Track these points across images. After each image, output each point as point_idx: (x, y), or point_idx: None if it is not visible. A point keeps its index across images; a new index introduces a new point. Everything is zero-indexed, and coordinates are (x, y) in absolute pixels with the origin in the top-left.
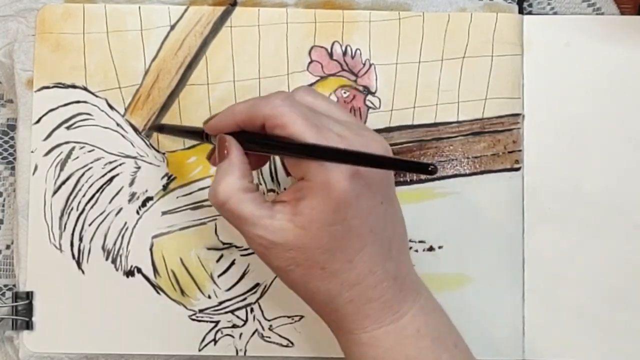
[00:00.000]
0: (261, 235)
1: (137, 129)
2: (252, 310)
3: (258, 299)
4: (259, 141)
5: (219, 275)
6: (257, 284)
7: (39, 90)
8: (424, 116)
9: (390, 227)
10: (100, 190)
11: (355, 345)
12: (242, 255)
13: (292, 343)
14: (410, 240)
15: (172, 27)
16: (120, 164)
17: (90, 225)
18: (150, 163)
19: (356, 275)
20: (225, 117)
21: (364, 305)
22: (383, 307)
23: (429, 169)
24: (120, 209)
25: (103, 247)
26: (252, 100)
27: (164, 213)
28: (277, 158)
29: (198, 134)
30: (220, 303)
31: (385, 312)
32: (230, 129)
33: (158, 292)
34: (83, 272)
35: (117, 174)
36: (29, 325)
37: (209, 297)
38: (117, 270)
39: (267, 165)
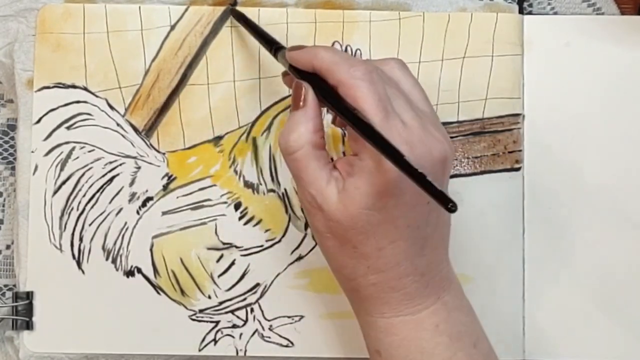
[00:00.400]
0: (313, 195)
1: (137, 129)
2: (252, 310)
3: (258, 299)
4: (329, 99)
5: (219, 275)
6: (257, 284)
7: (39, 90)
8: None
9: (431, 228)
10: (101, 190)
11: (373, 329)
12: (242, 255)
13: (292, 343)
14: None
15: (173, 27)
16: (120, 164)
17: (90, 225)
18: (151, 163)
19: (383, 264)
20: (306, 55)
21: (385, 293)
22: (403, 298)
23: (449, 205)
24: (121, 209)
25: (103, 247)
26: (337, 55)
27: (164, 213)
28: (279, 157)
29: (270, 44)
30: (221, 303)
31: (404, 303)
32: (306, 69)
33: (158, 292)
34: (83, 272)
35: (118, 174)
36: (29, 325)
37: (209, 297)
38: (117, 270)
39: (267, 165)
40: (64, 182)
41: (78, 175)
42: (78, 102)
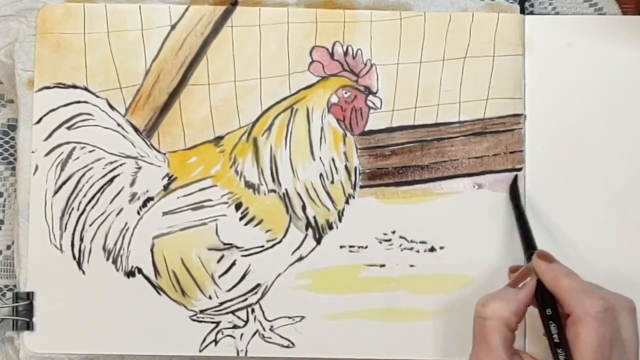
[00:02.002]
0: None
1: (138, 129)
2: (253, 310)
3: (259, 299)
4: (546, 312)
5: (220, 276)
6: (258, 285)
7: (40, 90)
8: (426, 116)
9: None
10: (101, 191)
11: None
12: (243, 255)
13: (292, 344)
14: (411, 241)
15: (173, 27)
16: (121, 164)
17: (90, 225)
18: (151, 163)
19: None
20: (549, 275)
21: None
22: None
23: None
24: (121, 210)
25: (104, 248)
26: (579, 286)
27: (164, 213)
28: (279, 158)
29: (528, 246)
30: (221, 304)
31: None
32: (547, 285)
33: (159, 293)
34: (84, 272)
35: (118, 174)
36: (29, 326)
37: (210, 297)
38: (117, 270)
39: (268, 166)
40: (64, 183)
41: (78, 176)
42: (78, 102)
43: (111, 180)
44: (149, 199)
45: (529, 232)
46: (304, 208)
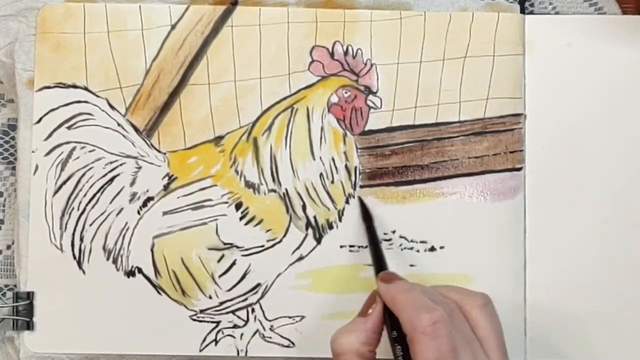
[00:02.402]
0: None
1: (138, 129)
2: (253, 310)
3: (259, 299)
4: (392, 334)
5: (220, 276)
6: (258, 284)
7: (40, 90)
8: (426, 116)
9: None
10: (101, 190)
11: None
12: (243, 255)
13: (293, 343)
14: (411, 241)
15: (173, 27)
16: (121, 164)
17: (91, 225)
18: (151, 163)
19: None
20: (387, 294)
21: None
22: None
23: None
24: (121, 209)
25: (104, 247)
26: (410, 298)
27: (165, 213)
28: (279, 157)
29: (377, 267)
30: (221, 303)
31: None
32: (385, 302)
33: (159, 293)
34: (84, 272)
35: (118, 174)
36: (29, 326)
37: (210, 297)
38: (118, 270)
39: (268, 165)
40: (64, 182)
41: (79, 175)
42: (79, 102)
43: (111, 180)
44: (149, 198)
45: (380, 254)
46: (304, 208)
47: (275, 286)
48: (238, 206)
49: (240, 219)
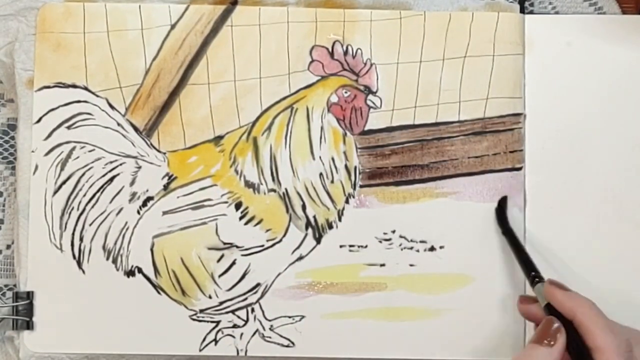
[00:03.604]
0: None
1: (138, 128)
2: (252, 310)
3: (259, 299)
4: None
5: (220, 275)
6: (258, 284)
7: (40, 89)
8: (425, 116)
9: None
10: (101, 190)
11: None
12: (242, 255)
13: (292, 343)
14: (411, 240)
15: (173, 26)
16: (120, 164)
17: (90, 225)
18: (151, 163)
19: None
20: (570, 304)
21: None
22: None
23: None
24: (121, 209)
25: (104, 247)
26: (600, 316)
27: (164, 213)
28: (279, 157)
29: (528, 270)
30: (221, 303)
31: None
32: (564, 314)
33: (159, 292)
34: (84, 272)
35: (118, 174)
36: (29, 325)
37: (210, 297)
38: (117, 270)
39: (267, 165)
40: (64, 182)
41: (78, 175)
42: (78, 101)
43: (111, 179)
44: (149, 198)
45: (526, 256)
46: (303, 207)
47: (275, 286)
48: (238, 206)
49: (240, 218)
